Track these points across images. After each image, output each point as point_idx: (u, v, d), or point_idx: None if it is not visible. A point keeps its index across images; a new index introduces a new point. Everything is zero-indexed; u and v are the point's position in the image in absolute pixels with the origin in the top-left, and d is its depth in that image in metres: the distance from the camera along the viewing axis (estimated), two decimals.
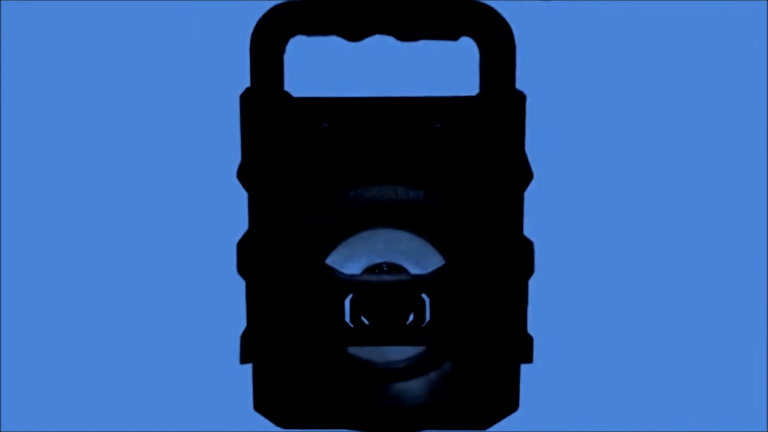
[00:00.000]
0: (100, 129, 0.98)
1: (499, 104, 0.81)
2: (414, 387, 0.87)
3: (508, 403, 0.86)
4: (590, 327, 0.96)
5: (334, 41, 0.81)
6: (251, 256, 0.84)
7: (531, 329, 0.86)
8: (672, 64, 0.97)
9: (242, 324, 0.86)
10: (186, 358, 0.93)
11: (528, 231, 0.84)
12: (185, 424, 0.87)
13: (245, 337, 0.85)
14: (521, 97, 0.81)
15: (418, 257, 0.86)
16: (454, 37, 0.81)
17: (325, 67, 0.85)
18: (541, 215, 0.86)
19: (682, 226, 0.99)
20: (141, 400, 0.90)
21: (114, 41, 0.97)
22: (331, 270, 0.85)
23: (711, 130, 0.99)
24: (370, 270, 0.87)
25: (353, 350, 0.88)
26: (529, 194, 0.83)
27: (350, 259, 0.86)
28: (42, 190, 0.98)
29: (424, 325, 0.85)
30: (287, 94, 0.82)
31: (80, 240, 0.99)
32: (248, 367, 0.86)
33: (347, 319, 0.85)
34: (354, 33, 0.81)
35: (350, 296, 0.85)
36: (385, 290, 0.85)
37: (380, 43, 0.81)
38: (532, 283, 0.85)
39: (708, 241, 0.99)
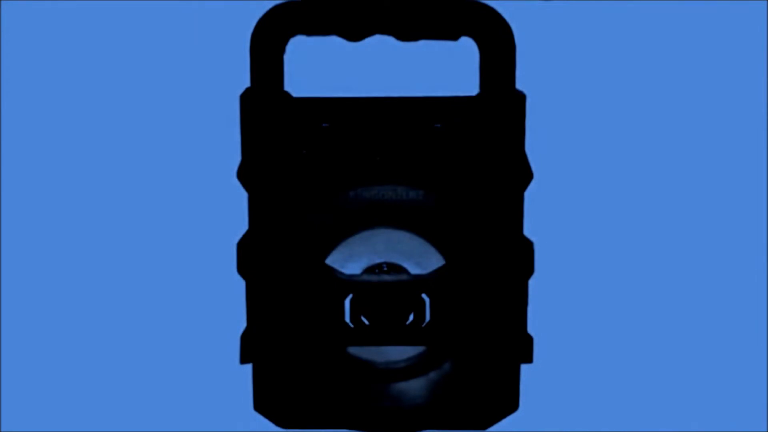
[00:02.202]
0: (101, 129, 0.98)
1: (499, 104, 0.81)
2: (414, 387, 0.87)
3: (508, 403, 0.87)
4: (590, 327, 0.96)
5: (334, 41, 0.81)
6: (251, 256, 0.84)
7: (531, 329, 0.86)
8: (672, 64, 0.97)
9: (242, 324, 0.86)
10: (186, 358, 0.93)
11: (528, 231, 0.84)
12: (185, 424, 0.87)
13: (245, 337, 0.85)
14: (521, 97, 0.81)
15: (418, 257, 0.86)
16: (454, 37, 0.81)
17: (325, 67, 0.85)
18: (541, 215, 0.86)
19: (682, 226, 0.99)
20: (141, 400, 0.90)
21: (114, 41, 0.97)
22: (331, 270, 0.85)
23: (711, 130, 0.99)
24: (370, 270, 0.87)
25: (353, 350, 0.88)
26: (529, 194, 0.83)
27: (350, 259, 0.86)
28: (42, 190, 0.98)
29: (424, 325, 0.85)
30: (287, 94, 0.82)
31: (80, 240, 0.99)
32: (248, 367, 0.86)
33: (347, 319, 0.85)
34: (354, 33, 0.81)
35: (350, 296, 0.85)
36: (385, 290, 0.85)
37: (380, 43, 0.81)
38: (532, 283, 0.85)
39: (708, 240, 0.99)
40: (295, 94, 0.82)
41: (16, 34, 0.97)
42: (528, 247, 0.84)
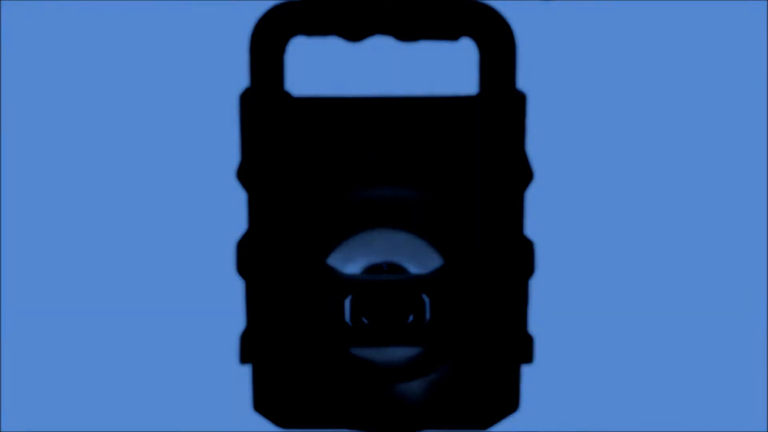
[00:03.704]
0: (100, 129, 0.98)
1: (499, 104, 0.81)
2: (414, 387, 0.87)
3: (508, 403, 0.87)
4: (590, 327, 0.96)
5: (334, 41, 0.81)
6: (251, 256, 0.84)
7: (531, 329, 0.86)
8: (672, 63, 0.97)
9: (242, 324, 0.86)
10: (186, 358, 0.93)
11: (528, 231, 0.84)
12: (185, 424, 0.87)
13: (245, 337, 0.85)
14: (521, 97, 0.81)
15: (418, 257, 0.86)
16: (454, 37, 0.81)
17: (325, 67, 0.85)
18: (541, 215, 0.86)
19: (682, 226, 0.99)
20: (141, 400, 0.90)
21: (114, 41, 0.97)
22: (331, 270, 0.85)
23: (711, 130, 0.99)
24: (370, 270, 0.86)
25: (353, 350, 0.88)
26: (529, 194, 0.83)
27: (350, 259, 0.86)
28: (42, 190, 0.98)
29: (424, 325, 0.85)
30: (287, 94, 0.82)
31: (80, 240, 0.98)
32: (248, 367, 0.86)
33: (347, 319, 0.85)
34: (354, 33, 0.81)
35: (350, 296, 0.85)
36: (385, 290, 0.85)
37: (380, 43, 0.81)
38: (532, 283, 0.85)
39: (708, 240, 0.99)
40: (295, 94, 0.82)
41: (16, 34, 0.97)
42: (528, 247, 0.84)
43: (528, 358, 0.86)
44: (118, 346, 0.95)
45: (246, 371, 0.87)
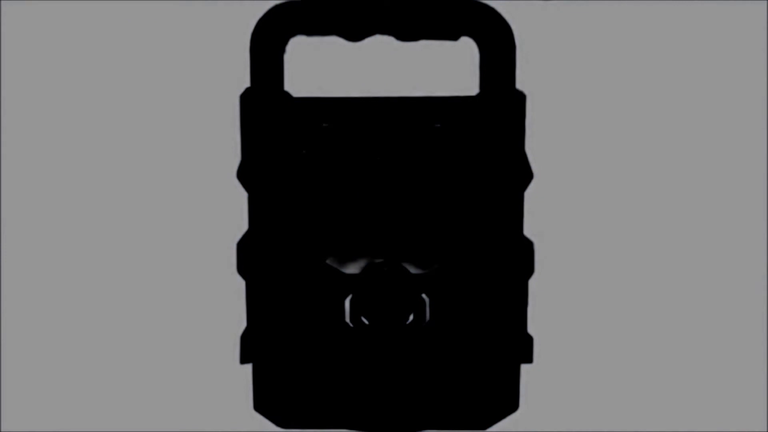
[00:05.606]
0: (101, 129, 0.98)
1: (499, 104, 0.81)
2: (414, 387, 0.87)
3: (508, 403, 0.87)
4: (590, 327, 0.96)
5: (334, 41, 0.81)
6: (251, 256, 0.84)
7: (531, 329, 0.86)
8: (672, 64, 0.97)
9: (242, 324, 0.86)
10: (186, 358, 0.93)
11: (528, 231, 0.84)
12: (185, 424, 0.87)
13: (245, 337, 0.85)
14: (521, 97, 0.81)
15: (418, 257, 0.86)
16: (454, 37, 0.81)
17: (325, 67, 0.85)
18: (541, 215, 0.86)
19: (681, 226, 0.99)
20: (141, 400, 0.90)
21: (114, 41, 0.97)
22: (331, 270, 0.85)
23: (711, 130, 0.99)
24: (370, 270, 0.86)
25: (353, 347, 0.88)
26: (529, 194, 0.83)
27: (350, 259, 0.86)
28: (42, 190, 0.98)
29: (424, 325, 0.85)
30: (287, 94, 0.82)
31: (81, 240, 0.98)
32: (248, 367, 0.86)
33: (347, 319, 0.85)
34: (354, 33, 0.81)
35: (350, 296, 0.85)
36: (385, 290, 0.85)
37: (380, 43, 0.81)
38: (532, 283, 0.85)
39: (708, 240, 0.99)
40: (295, 94, 0.82)
41: (16, 34, 0.97)
42: (528, 247, 0.84)
43: (528, 358, 0.86)
44: (119, 346, 0.95)
45: (246, 371, 0.87)
